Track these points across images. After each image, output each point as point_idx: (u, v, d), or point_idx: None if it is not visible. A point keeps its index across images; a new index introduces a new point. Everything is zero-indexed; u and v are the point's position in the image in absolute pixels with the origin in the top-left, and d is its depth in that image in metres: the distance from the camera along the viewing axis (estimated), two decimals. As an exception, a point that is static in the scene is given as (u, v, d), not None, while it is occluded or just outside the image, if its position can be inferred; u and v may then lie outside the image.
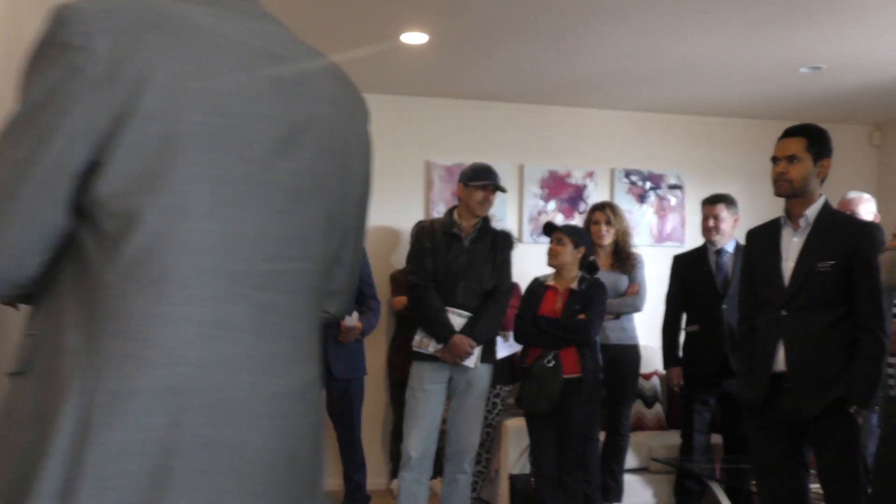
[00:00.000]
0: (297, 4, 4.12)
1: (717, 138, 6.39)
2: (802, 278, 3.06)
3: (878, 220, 4.38)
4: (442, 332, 3.97)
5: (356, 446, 4.87)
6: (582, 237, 4.21)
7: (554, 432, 4.09)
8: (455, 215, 4.16)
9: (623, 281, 4.93)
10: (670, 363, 4.94)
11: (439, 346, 3.98)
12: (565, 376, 4.00)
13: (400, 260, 5.52)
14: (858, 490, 2.90)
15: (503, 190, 4.15)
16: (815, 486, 3.17)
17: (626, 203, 5.99)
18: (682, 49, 4.75)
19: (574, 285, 4.14)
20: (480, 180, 4.07)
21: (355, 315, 4.66)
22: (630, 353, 4.91)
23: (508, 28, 4.47)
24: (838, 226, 3.08)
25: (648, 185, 6.31)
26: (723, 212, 4.86)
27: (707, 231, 4.90)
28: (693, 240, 5.64)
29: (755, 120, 6.26)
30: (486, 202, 4.08)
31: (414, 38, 4.61)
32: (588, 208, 5.39)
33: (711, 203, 4.92)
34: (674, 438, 5.18)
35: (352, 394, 4.83)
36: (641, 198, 6.29)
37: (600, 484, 4.85)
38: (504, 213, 6.03)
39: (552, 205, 6.15)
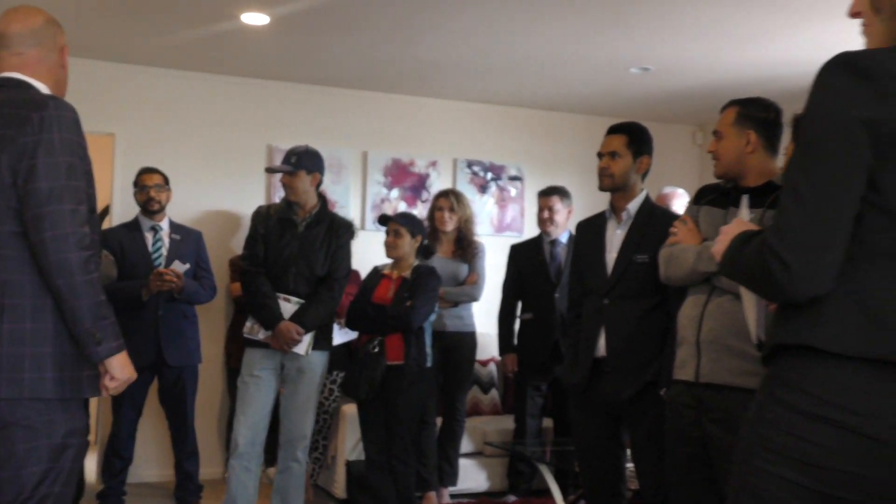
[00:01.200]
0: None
1: (555, 132, 6.60)
2: (623, 269, 3.22)
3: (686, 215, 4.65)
4: (269, 318, 3.93)
5: (188, 435, 4.76)
6: (417, 225, 4.25)
7: (380, 418, 4.12)
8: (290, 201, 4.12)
9: (463, 269, 5.03)
10: (505, 350, 5.10)
11: (268, 333, 3.94)
12: (388, 363, 4.02)
13: (240, 245, 5.39)
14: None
15: (289, 172, 4.02)
16: (630, 466, 3.36)
17: (467, 193, 6.06)
18: (521, 43, 4.87)
19: (407, 273, 4.19)
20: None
21: (186, 266, 4.56)
22: (466, 341, 5.02)
23: (352, 14, 4.45)
24: (655, 220, 3.25)
25: (490, 175, 6.45)
26: (557, 203, 5.05)
27: (542, 222, 5.08)
28: (532, 230, 5.81)
29: (590, 116, 6.51)
30: (287, 187, 4.06)
31: (255, 18, 4.52)
32: (431, 197, 5.46)
33: (546, 195, 5.10)
34: (508, 423, 5.34)
35: (185, 381, 4.72)
36: (483, 188, 6.42)
37: (436, 468, 4.94)
38: (347, 200, 6.03)
39: (395, 193, 6.19)
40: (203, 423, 5.34)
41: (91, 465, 4.97)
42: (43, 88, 2.22)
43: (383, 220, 4.25)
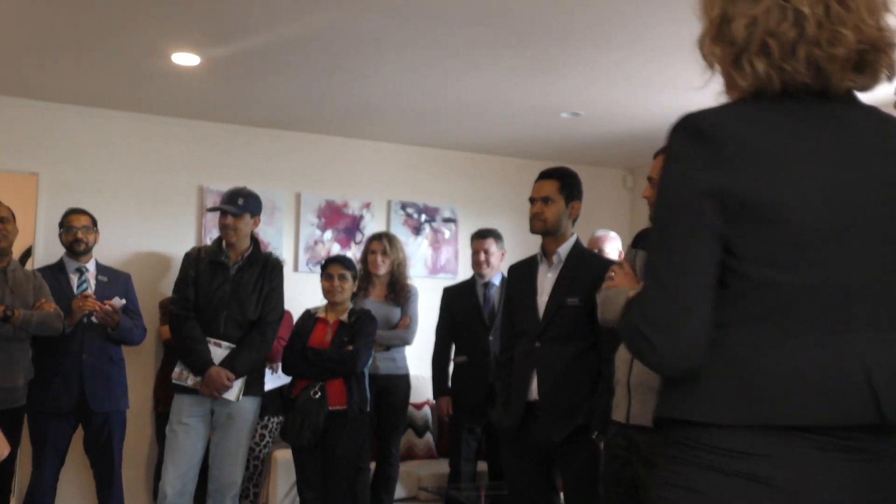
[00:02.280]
0: (61, 13, 3.89)
1: (488, 175, 6.67)
2: (554, 312, 3.25)
3: (622, 258, 4.74)
4: (198, 363, 3.86)
5: (115, 484, 4.61)
6: (355, 268, 4.28)
7: (319, 464, 4.07)
8: (223, 243, 4.07)
9: (396, 313, 5.01)
10: (439, 393, 5.07)
11: (198, 379, 3.87)
12: (330, 408, 3.99)
13: (169, 287, 5.30)
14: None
15: (235, 214, 4.01)
16: (564, 509, 3.37)
17: (402, 235, 6.08)
18: (452, 87, 4.93)
19: (344, 317, 4.17)
20: (216, 207, 4.05)
21: (123, 301, 4.46)
22: (400, 384, 4.99)
23: (282, 56, 4.45)
24: (585, 264, 3.31)
25: (424, 217, 6.47)
26: (492, 246, 5.08)
27: (477, 265, 5.10)
28: (466, 272, 5.84)
29: (523, 159, 6.60)
30: (225, 228, 4.02)
31: (185, 58, 4.49)
32: (364, 239, 5.45)
33: (481, 237, 5.13)
34: (443, 467, 5.30)
35: (111, 427, 4.58)
36: (417, 230, 6.44)
37: (370, 514, 4.87)
38: (280, 242, 5.97)
39: (329, 234, 6.16)
40: (130, 471, 5.17)
41: (9, 518, 4.77)
42: None
43: (327, 263, 4.25)
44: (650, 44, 4.09)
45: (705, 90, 1.51)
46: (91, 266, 4.69)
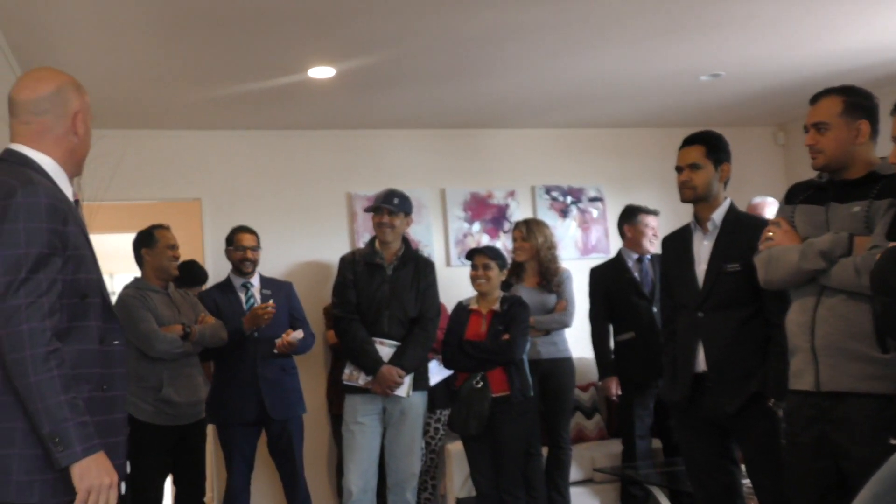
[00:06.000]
0: (206, 43, 4.12)
1: (630, 149, 6.54)
2: (713, 280, 3.15)
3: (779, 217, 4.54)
4: (369, 363, 3.98)
5: (300, 484, 4.83)
6: (502, 258, 4.29)
7: (489, 452, 4.12)
8: (376, 245, 4.18)
9: (550, 298, 4.98)
10: (605, 373, 5.01)
11: (369, 378, 3.98)
12: (494, 395, 4.04)
13: (330, 293, 5.51)
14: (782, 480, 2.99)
15: (391, 212, 4.09)
16: (746, 481, 3.26)
17: (549, 219, 6.06)
18: (587, 66, 4.87)
19: (496, 307, 4.20)
20: (373, 207, 4.14)
21: (300, 332, 4.66)
22: (563, 367, 4.97)
23: (416, 58, 4.53)
24: (742, 227, 3.19)
25: (569, 199, 6.42)
26: (655, 222, 5.04)
27: (650, 242, 5.03)
28: (617, 250, 5.75)
29: (664, 128, 6.43)
30: (381, 226, 4.10)
31: (321, 72, 4.64)
32: (511, 227, 5.47)
33: (646, 213, 5.08)
34: (616, 447, 5.24)
35: (291, 433, 4.79)
36: (564, 212, 6.40)
37: (546, 499, 4.89)
38: (430, 239, 6.08)
39: (476, 226, 6.21)
40: (313, 471, 5.40)
41: (209, 523, 5.10)
42: (47, 161, 2.13)
43: (470, 254, 4.29)
44: (788, -9, 3.90)
45: (854, 35, 1.43)
46: (255, 281, 4.91)
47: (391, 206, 4.06)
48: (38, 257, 1.96)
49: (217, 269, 5.45)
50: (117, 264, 5.46)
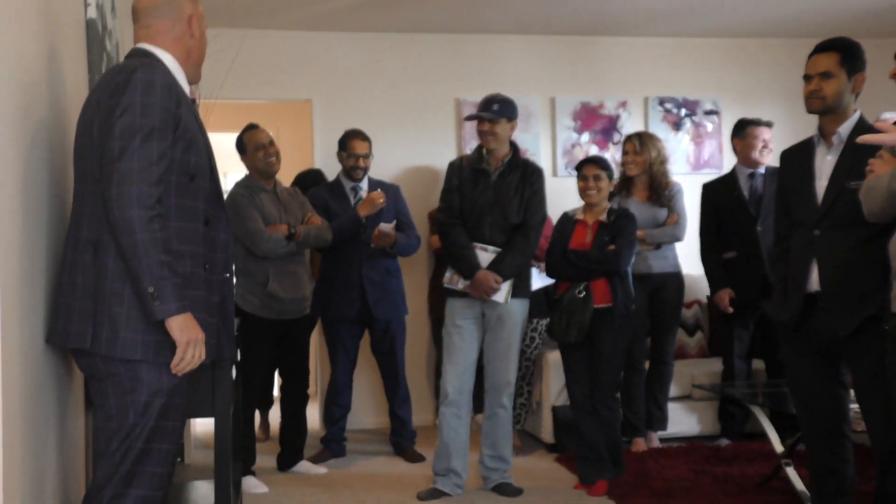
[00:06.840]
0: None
1: (751, 61, 6.24)
2: (834, 197, 3.01)
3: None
4: (466, 268, 4.00)
5: (400, 383, 4.97)
6: (611, 168, 4.24)
7: (586, 362, 4.13)
8: (483, 151, 4.16)
9: (661, 212, 4.90)
10: (717, 286, 4.92)
11: (467, 283, 4.01)
12: (596, 306, 4.02)
13: (437, 198, 5.53)
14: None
15: (490, 119, 4.03)
16: (854, 406, 3.17)
17: (661, 131, 5.90)
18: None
19: (603, 217, 4.15)
20: (473, 115, 4.10)
21: (392, 223, 4.71)
22: (673, 281, 4.92)
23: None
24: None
25: (683, 112, 6.21)
26: (768, 134, 4.87)
27: (760, 154, 4.87)
28: (731, 166, 5.56)
29: (790, 39, 6.10)
30: (483, 134, 4.06)
31: (436, -27, 4.57)
32: (622, 139, 5.34)
33: (757, 125, 4.92)
34: (716, 365, 5.20)
35: (393, 333, 4.91)
36: (677, 125, 6.20)
37: (644, 413, 4.89)
38: (537, 147, 6.00)
39: (585, 137, 6.09)
40: (413, 371, 5.54)
41: (314, 414, 5.30)
42: (167, 57, 2.32)
43: (580, 165, 4.23)
44: None
45: None
46: (364, 184, 4.96)
47: (490, 112, 4.01)
48: (150, 129, 2.12)
49: (326, 168, 5.52)
50: (230, 163, 5.58)
